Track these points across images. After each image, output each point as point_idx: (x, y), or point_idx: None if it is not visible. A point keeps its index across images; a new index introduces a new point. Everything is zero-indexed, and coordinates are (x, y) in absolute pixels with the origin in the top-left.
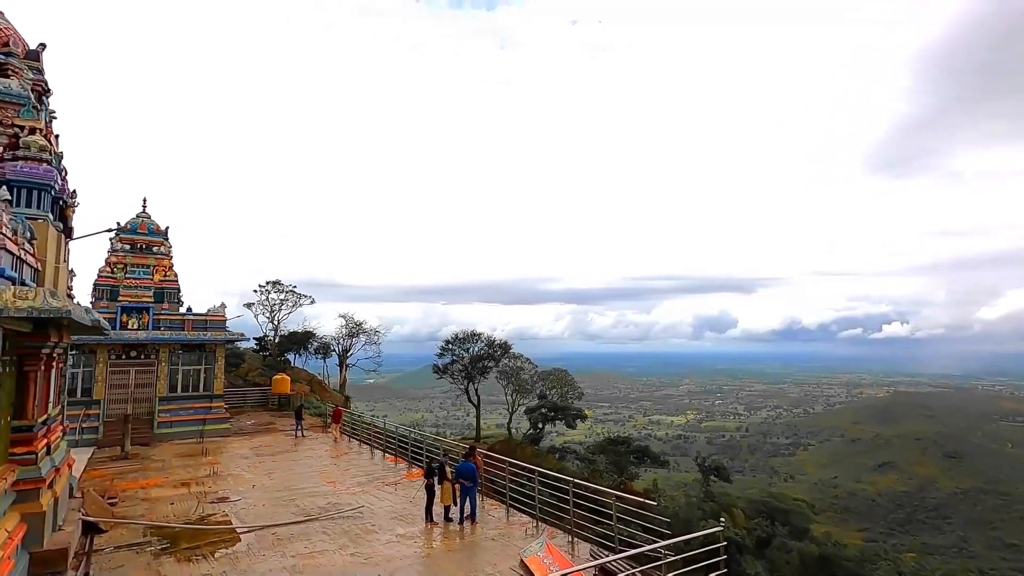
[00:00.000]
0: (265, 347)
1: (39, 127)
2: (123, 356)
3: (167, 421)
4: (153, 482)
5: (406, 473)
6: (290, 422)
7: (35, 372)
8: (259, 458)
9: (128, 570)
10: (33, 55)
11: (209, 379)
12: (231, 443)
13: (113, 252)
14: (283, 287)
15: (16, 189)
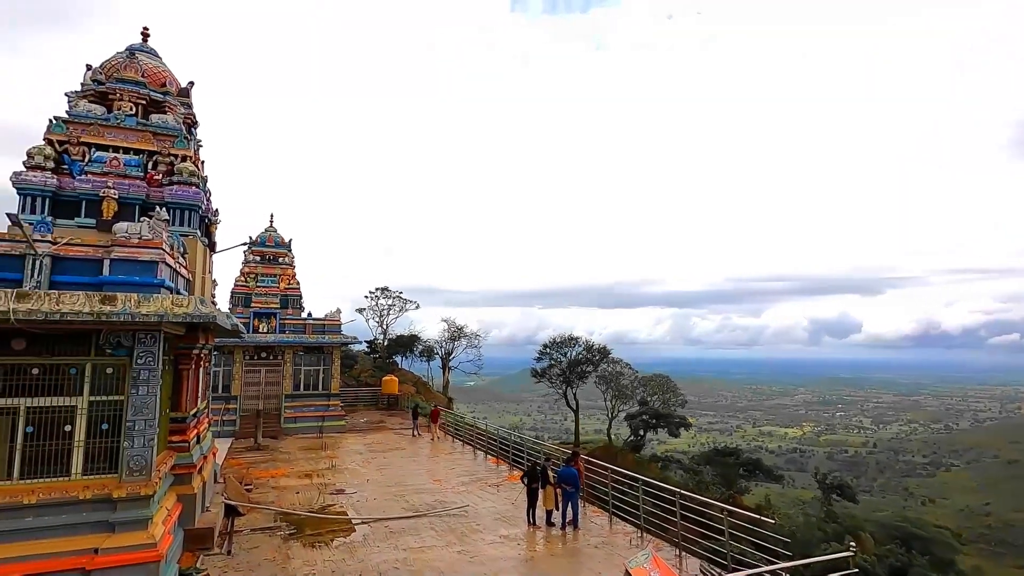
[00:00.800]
0: (375, 350)
1: (189, 155)
2: (255, 357)
3: (292, 417)
4: (281, 472)
5: (507, 475)
6: (399, 420)
7: (187, 370)
8: (372, 454)
9: (263, 551)
10: (184, 92)
11: (327, 379)
12: (347, 439)
13: (246, 263)
14: (391, 293)
15: (172, 210)
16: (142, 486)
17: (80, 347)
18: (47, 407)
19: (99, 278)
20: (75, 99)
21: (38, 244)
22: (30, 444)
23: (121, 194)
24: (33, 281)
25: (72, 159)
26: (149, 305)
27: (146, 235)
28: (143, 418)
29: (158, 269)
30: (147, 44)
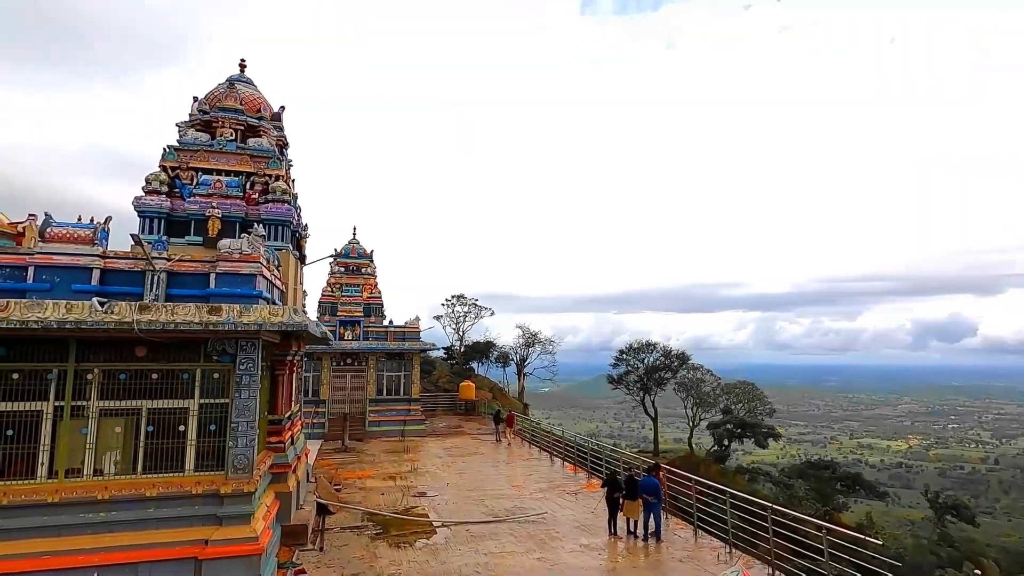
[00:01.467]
0: (452, 356)
1: (281, 174)
2: (341, 363)
3: (376, 420)
4: (367, 474)
5: (586, 483)
6: (476, 425)
7: (282, 376)
8: (451, 458)
9: (352, 549)
10: (276, 116)
11: (408, 384)
12: (427, 443)
13: (332, 274)
14: (466, 300)
15: (267, 226)
16: (245, 483)
17: (191, 354)
18: (164, 409)
19: (206, 291)
20: (184, 128)
21: (156, 261)
22: (151, 442)
23: (224, 213)
24: (152, 294)
25: (182, 183)
26: (249, 315)
27: (246, 250)
28: (245, 420)
29: (256, 281)
30: (244, 74)
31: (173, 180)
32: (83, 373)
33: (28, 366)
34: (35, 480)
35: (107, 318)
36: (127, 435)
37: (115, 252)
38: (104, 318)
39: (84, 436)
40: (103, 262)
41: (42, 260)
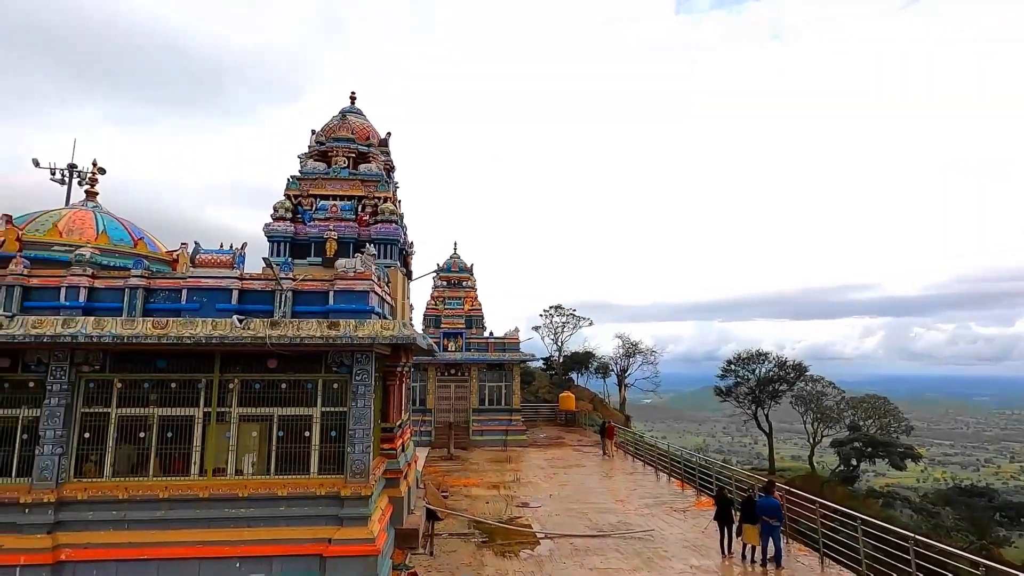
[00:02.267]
0: (551, 366)
1: (389, 196)
2: (445, 373)
3: (479, 430)
4: (472, 482)
5: (695, 501)
6: (577, 437)
7: (393, 386)
8: (553, 469)
9: (460, 555)
10: (383, 142)
11: (509, 395)
12: (529, 453)
13: (435, 288)
14: (564, 311)
15: (377, 245)
16: (362, 487)
17: (314, 366)
18: (292, 415)
19: (326, 307)
20: (304, 159)
21: (283, 281)
22: (281, 446)
23: (339, 235)
24: (280, 312)
25: (303, 209)
26: (364, 329)
27: (359, 269)
28: (361, 427)
29: (369, 298)
30: (354, 105)
31: (296, 207)
32: (226, 383)
33: (182, 376)
34: (189, 477)
35: (244, 333)
36: (262, 439)
37: (250, 274)
38: (242, 333)
39: (227, 439)
40: (241, 283)
41: (193, 283)
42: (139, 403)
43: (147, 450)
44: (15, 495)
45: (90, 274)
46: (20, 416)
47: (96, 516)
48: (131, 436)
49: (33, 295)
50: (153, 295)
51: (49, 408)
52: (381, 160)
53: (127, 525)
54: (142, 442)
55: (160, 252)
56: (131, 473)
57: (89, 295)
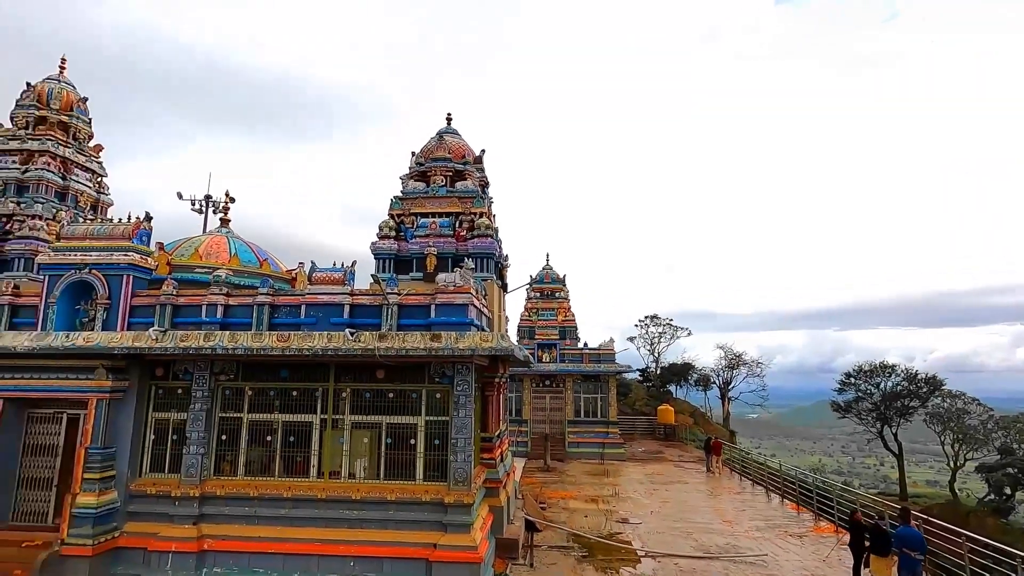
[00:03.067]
0: (648, 378)
1: (484, 211)
2: (540, 385)
3: (575, 442)
4: (569, 494)
5: (813, 526)
6: (677, 452)
7: (491, 396)
8: (652, 484)
9: (560, 568)
10: (478, 159)
11: (604, 407)
12: (627, 467)
13: (528, 299)
14: (660, 320)
15: (474, 259)
16: (464, 495)
17: (418, 376)
18: (399, 424)
19: (428, 320)
20: (405, 180)
21: (389, 296)
22: (389, 452)
23: (439, 250)
24: (387, 325)
25: (405, 227)
26: (464, 341)
27: (458, 283)
28: (463, 436)
29: (468, 311)
30: (450, 126)
31: (399, 225)
32: (339, 392)
33: (302, 385)
34: (309, 478)
35: (356, 346)
36: (372, 445)
37: (360, 290)
38: (354, 346)
39: (341, 444)
40: (351, 299)
41: (310, 299)
42: (266, 409)
43: (273, 452)
44: (167, 488)
45: (225, 293)
46: (171, 419)
47: (232, 511)
48: (259, 439)
49: (181, 312)
50: (277, 311)
51: (194, 412)
52: (476, 177)
53: (257, 520)
54: (269, 445)
55: (281, 271)
56: (260, 473)
57: (225, 311)
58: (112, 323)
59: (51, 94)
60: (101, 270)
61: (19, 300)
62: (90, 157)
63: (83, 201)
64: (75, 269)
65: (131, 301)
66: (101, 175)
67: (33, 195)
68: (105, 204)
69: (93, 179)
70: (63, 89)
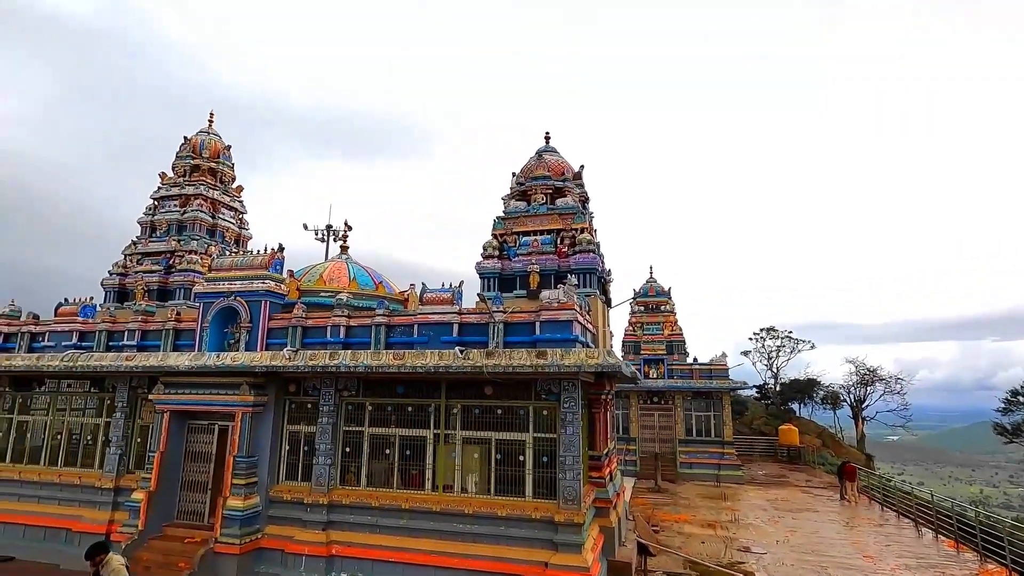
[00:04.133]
0: (766, 395)
1: (586, 227)
2: (648, 401)
3: (687, 462)
4: (683, 518)
5: (979, 568)
6: (804, 476)
7: (598, 413)
8: (777, 511)
9: None
10: (577, 175)
11: (718, 426)
12: (746, 491)
13: (632, 313)
14: (778, 333)
15: (576, 275)
16: (575, 514)
17: (525, 393)
18: (507, 440)
19: (533, 337)
20: (507, 200)
21: (495, 314)
22: (499, 468)
23: (541, 267)
24: (494, 342)
25: (508, 246)
26: (569, 357)
27: (562, 299)
28: (571, 454)
29: (573, 327)
30: (549, 144)
31: (502, 245)
32: (450, 408)
33: (416, 401)
34: (424, 491)
35: (465, 363)
36: (482, 461)
37: (468, 309)
38: (463, 363)
39: (453, 459)
40: (460, 318)
41: (422, 319)
42: (384, 423)
43: (391, 465)
44: (300, 495)
45: (346, 315)
46: (302, 431)
47: (356, 519)
48: (379, 452)
49: (309, 333)
50: (392, 330)
51: (321, 425)
52: (576, 193)
53: (379, 530)
54: (387, 457)
55: (395, 293)
56: (380, 485)
57: (346, 332)
58: (253, 344)
59: (202, 145)
60: (244, 297)
61: (180, 325)
62: (233, 197)
63: (228, 236)
64: (223, 297)
65: (268, 324)
66: (242, 212)
67: (190, 233)
68: (245, 238)
69: (236, 216)
70: (212, 140)
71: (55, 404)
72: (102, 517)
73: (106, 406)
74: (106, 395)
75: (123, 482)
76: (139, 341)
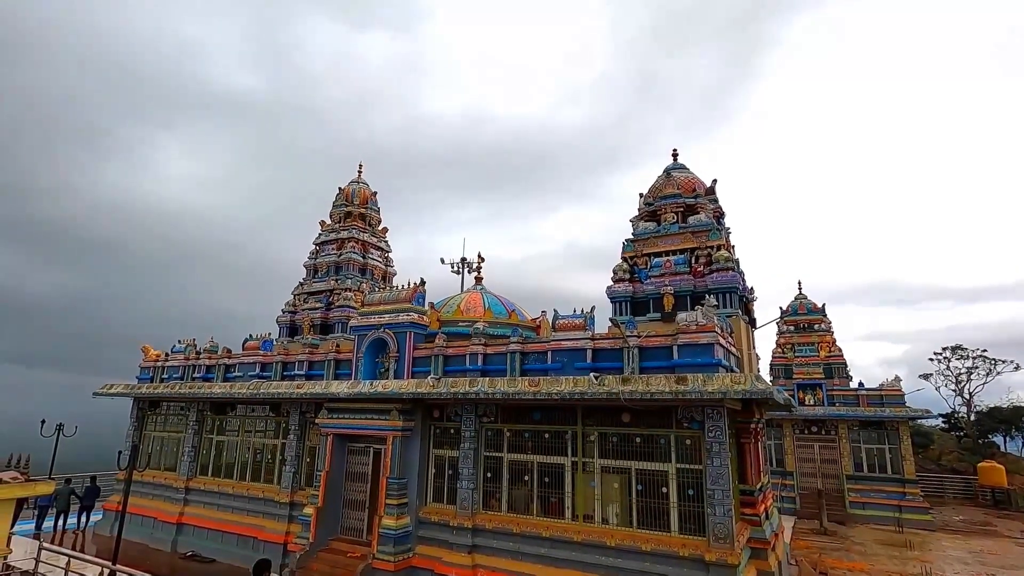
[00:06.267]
0: (957, 426)
1: (722, 244)
2: (805, 431)
3: (858, 501)
4: (860, 567)
5: None
6: (1017, 525)
7: (748, 444)
8: (983, 567)
9: None
10: (710, 190)
11: (895, 460)
12: (938, 539)
13: (780, 334)
14: (967, 352)
15: (715, 295)
16: (728, 553)
17: (664, 420)
18: (648, 470)
19: (671, 362)
20: (636, 222)
21: (629, 339)
22: (640, 500)
23: (675, 289)
24: (629, 368)
25: (639, 268)
26: (713, 383)
27: (701, 321)
28: (720, 488)
29: (714, 350)
30: (677, 161)
31: (632, 267)
32: (587, 435)
33: (553, 428)
34: (564, 520)
35: (600, 389)
36: (622, 491)
37: (600, 334)
38: (598, 389)
39: (592, 488)
40: (593, 343)
41: (555, 346)
42: (522, 450)
43: (531, 491)
44: (447, 517)
45: (483, 343)
46: (446, 456)
47: (499, 544)
48: (518, 478)
49: (449, 361)
50: (526, 357)
51: (463, 450)
52: (709, 209)
53: (520, 556)
54: (526, 484)
55: (527, 320)
56: (521, 511)
57: (483, 360)
58: (401, 372)
59: (353, 193)
60: (392, 328)
61: (340, 355)
62: (380, 238)
63: (376, 274)
64: (374, 329)
65: (413, 353)
66: (387, 251)
67: (345, 273)
68: (391, 274)
69: (382, 255)
70: (361, 188)
71: (243, 426)
72: (280, 528)
73: (282, 428)
74: (282, 419)
75: (296, 497)
76: (307, 371)
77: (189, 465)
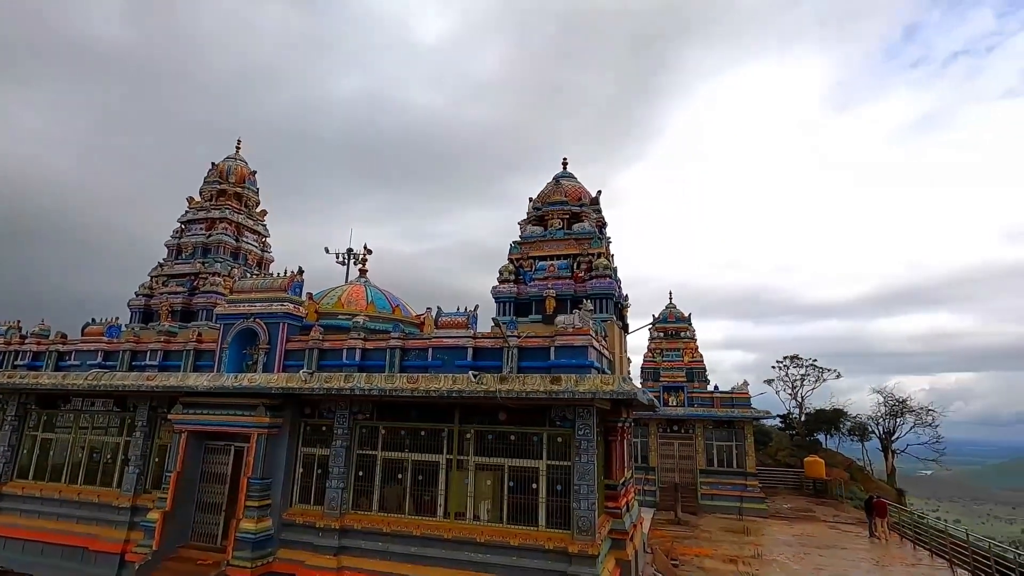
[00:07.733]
0: (791, 426)
1: (602, 251)
2: (667, 430)
3: (708, 494)
4: (704, 552)
5: None
6: (831, 511)
7: (615, 441)
8: (803, 548)
9: None
10: (594, 200)
11: (741, 456)
12: (770, 525)
13: (651, 340)
14: (802, 361)
15: (593, 300)
16: (589, 545)
17: (539, 419)
18: (520, 467)
19: (548, 363)
20: (524, 225)
21: (509, 339)
22: (511, 496)
23: (557, 292)
24: (508, 367)
25: (524, 270)
26: (584, 384)
27: (577, 324)
28: (586, 483)
29: (588, 352)
30: (566, 170)
31: (518, 269)
32: (463, 433)
33: (430, 426)
34: (436, 518)
35: (478, 388)
36: (495, 488)
37: (482, 333)
38: (477, 388)
39: (466, 485)
40: (474, 342)
41: (436, 343)
42: (397, 448)
43: (404, 490)
44: (313, 519)
45: (363, 338)
46: (316, 454)
47: (367, 545)
48: (392, 477)
49: (326, 356)
50: (407, 354)
51: (335, 448)
52: (593, 218)
53: (390, 556)
54: (400, 482)
55: (411, 316)
56: (393, 510)
57: (362, 355)
58: (271, 366)
59: (229, 170)
60: (263, 319)
61: (201, 346)
62: (257, 221)
63: (251, 259)
64: (243, 318)
65: (286, 346)
66: (265, 236)
67: (214, 256)
68: (268, 261)
69: (259, 240)
70: (238, 165)
71: (78, 422)
72: (118, 536)
73: (127, 425)
74: (127, 414)
75: (140, 501)
76: (161, 361)
77: (3, 467)
